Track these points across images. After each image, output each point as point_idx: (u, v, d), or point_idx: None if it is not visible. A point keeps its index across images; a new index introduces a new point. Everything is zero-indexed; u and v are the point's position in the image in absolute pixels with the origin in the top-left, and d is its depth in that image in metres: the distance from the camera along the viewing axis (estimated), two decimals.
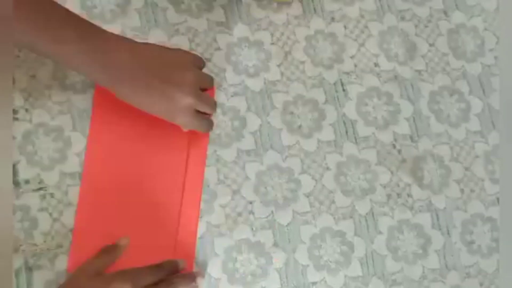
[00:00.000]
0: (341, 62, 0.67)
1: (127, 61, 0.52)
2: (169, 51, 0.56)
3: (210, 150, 0.61)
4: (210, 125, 0.59)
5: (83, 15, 0.57)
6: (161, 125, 0.57)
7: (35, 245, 0.55)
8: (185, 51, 0.58)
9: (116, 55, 0.51)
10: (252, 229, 0.60)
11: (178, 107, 0.54)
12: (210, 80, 0.60)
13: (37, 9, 0.48)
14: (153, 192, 0.58)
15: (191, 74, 0.55)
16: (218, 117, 0.62)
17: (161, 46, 0.56)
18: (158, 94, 0.53)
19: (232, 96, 0.63)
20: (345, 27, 0.68)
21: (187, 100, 0.54)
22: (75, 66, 0.51)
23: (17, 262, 0.55)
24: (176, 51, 0.57)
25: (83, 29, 0.51)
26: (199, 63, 0.59)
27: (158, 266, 0.56)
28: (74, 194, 0.57)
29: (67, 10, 0.50)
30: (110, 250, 0.56)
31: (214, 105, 0.59)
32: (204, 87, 0.58)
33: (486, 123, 0.68)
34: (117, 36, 0.53)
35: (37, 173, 0.57)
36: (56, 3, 0.50)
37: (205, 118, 0.58)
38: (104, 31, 0.52)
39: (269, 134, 0.63)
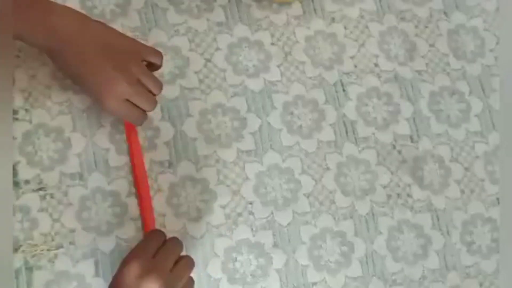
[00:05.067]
0: (341, 63, 0.66)
1: (74, 32, 0.51)
2: (119, 35, 0.55)
3: (210, 150, 0.61)
4: (140, 118, 0.56)
5: None
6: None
7: (35, 245, 0.55)
8: (137, 42, 0.56)
9: (63, 23, 0.51)
10: (252, 229, 0.60)
11: (110, 91, 0.53)
12: (155, 82, 0.56)
13: None
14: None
15: (135, 66, 0.54)
16: (218, 118, 0.62)
17: (113, 29, 0.55)
18: (96, 72, 0.52)
19: (232, 96, 0.63)
20: (345, 27, 0.68)
21: (121, 88, 0.53)
22: (20, 31, 0.50)
23: (17, 262, 0.55)
24: (128, 38, 0.56)
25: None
26: (149, 56, 0.57)
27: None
28: (74, 194, 0.57)
29: None
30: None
31: (151, 102, 0.56)
32: (147, 85, 0.55)
33: (486, 123, 0.68)
34: (70, 8, 0.53)
35: (37, 174, 0.57)
36: None
37: (135, 109, 0.55)
38: (57, 4, 0.52)
39: (269, 134, 0.63)
